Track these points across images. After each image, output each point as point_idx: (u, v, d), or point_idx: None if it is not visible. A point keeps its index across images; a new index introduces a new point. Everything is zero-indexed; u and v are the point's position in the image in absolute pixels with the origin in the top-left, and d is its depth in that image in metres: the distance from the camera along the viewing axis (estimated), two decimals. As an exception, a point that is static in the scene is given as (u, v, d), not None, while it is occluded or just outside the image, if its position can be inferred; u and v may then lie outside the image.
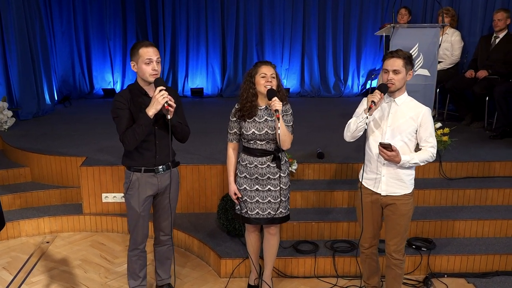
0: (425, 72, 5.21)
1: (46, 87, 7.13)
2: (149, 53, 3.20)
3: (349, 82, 8.36)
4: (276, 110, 3.27)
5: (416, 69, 5.21)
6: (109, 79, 8.23)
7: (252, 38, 8.14)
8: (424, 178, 4.93)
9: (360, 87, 8.37)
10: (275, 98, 3.30)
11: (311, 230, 4.41)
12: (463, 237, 4.47)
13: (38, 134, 6.03)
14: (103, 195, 4.87)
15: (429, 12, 7.36)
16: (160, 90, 3.10)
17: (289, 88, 8.20)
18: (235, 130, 3.56)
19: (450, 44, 6.53)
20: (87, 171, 4.82)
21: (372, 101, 3.20)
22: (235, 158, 3.64)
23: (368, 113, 3.23)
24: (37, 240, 4.75)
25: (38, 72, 6.85)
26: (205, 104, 7.80)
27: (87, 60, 8.12)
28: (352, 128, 3.36)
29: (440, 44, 5.25)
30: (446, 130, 4.88)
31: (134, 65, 3.25)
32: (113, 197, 4.87)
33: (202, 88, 8.16)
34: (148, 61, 3.19)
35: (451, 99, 6.59)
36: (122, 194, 4.84)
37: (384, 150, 3.20)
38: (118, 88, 8.20)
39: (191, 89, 8.14)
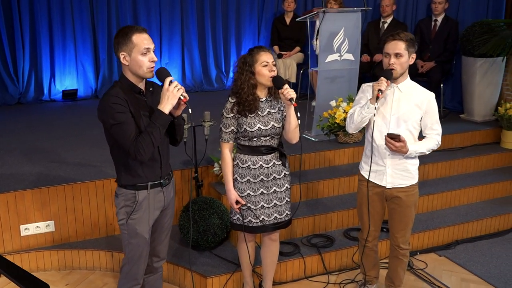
0: (350, 56, 5.24)
1: None
2: (146, 40, 2.58)
3: (231, 74, 8.09)
4: (291, 99, 2.91)
5: (342, 54, 5.21)
6: (-49, 85, 6.63)
7: (127, 29, 7.30)
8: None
9: (242, 78, 8.15)
10: (287, 85, 2.94)
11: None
12: (417, 213, 4.60)
13: None
14: (22, 227, 3.86)
15: (310, -1, 7.50)
16: (171, 81, 2.54)
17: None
18: (232, 127, 3.09)
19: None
20: (-2, 199, 3.76)
21: (379, 90, 3.02)
22: (232, 161, 3.16)
23: (376, 103, 3.04)
24: None
25: None
26: (81, 108, 6.70)
27: None
28: (357, 120, 3.14)
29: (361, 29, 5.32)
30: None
31: (124, 56, 2.57)
32: (36, 228, 3.90)
33: (77, 90, 7.01)
34: (146, 51, 2.57)
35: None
36: (47, 223, 3.94)
37: (392, 141, 3.05)
38: (-36, 95, 6.65)
39: (63, 91, 6.90)
